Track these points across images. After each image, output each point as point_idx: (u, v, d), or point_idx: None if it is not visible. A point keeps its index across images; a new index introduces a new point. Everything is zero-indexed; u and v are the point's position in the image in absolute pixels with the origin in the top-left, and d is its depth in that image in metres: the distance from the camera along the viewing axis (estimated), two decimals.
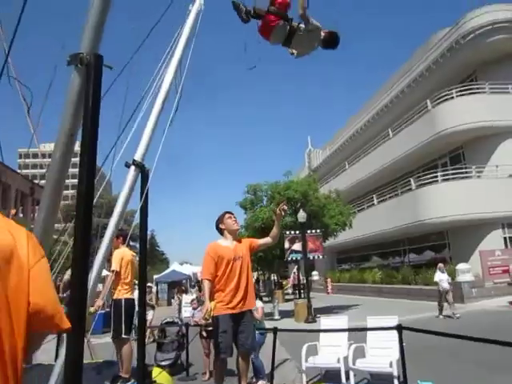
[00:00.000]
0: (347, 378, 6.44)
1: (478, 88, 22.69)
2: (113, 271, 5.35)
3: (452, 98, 22.42)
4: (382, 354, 6.36)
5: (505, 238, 21.02)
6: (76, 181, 2.30)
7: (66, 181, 3.19)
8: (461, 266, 18.31)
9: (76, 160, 2.38)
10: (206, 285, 4.47)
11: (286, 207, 4.51)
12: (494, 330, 9.60)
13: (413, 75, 26.86)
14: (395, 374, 5.98)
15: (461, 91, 22.53)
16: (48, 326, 1.26)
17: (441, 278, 14.70)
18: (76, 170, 2.32)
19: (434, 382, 5.48)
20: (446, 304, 14.32)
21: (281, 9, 3.58)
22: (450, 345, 7.79)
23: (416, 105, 25.07)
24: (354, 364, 6.45)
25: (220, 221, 4.66)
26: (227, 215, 4.65)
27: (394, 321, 6.50)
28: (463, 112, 21.67)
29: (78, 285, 2.22)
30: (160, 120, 4.26)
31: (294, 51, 3.91)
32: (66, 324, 1.29)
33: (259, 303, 7.33)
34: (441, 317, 14.19)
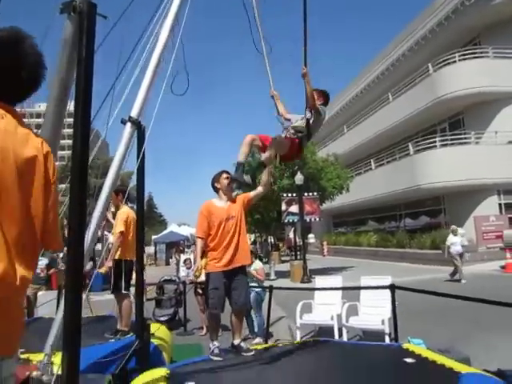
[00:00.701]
0: (340, 335, 6.64)
1: (481, 52, 22.22)
2: (121, 232, 5.37)
3: (454, 62, 21.98)
4: (375, 312, 6.55)
5: (500, 204, 21.17)
6: (71, 142, 2.28)
7: (62, 141, 3.16)
8: None
9: (71, 121, 2.35)
10: (199, 243, 4.52)
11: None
12: (486, 293, 9.84)
13: (415, 38, 26.21)
14: (387, 331, 6.17)
15: (463, 55, 22.06)
16: (47, 239, 1.49)
17: (452, 241, 14.24)
18: (71, 131, 2.30)
19: (425, 340, 5.64)
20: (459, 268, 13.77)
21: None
22: (443, 306, 8.01)
23: (417, 69, 24.58)
24: (347, 321, 6.64)
25: (216, 180, 4.64)
26: (224, 175, 4.62)
27: (387, 281, 6.63)
28: (465, 77, 21.32)
29: (74, 242, 2.26)
30: (158, 76, 4.19)
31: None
32: (60, 245, 1.63)
33: (259, 264, 7.44)
34: (463, 281, 13.40)
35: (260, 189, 4.66)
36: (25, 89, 1.54)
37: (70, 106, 2.59)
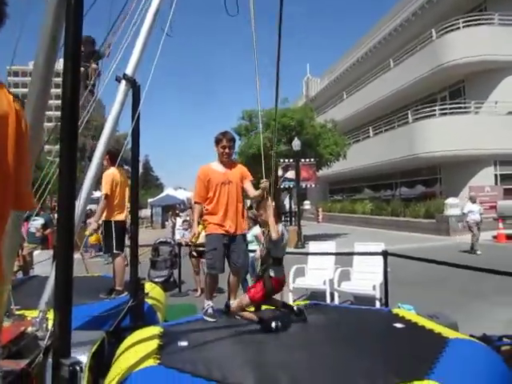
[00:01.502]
0: (332, 299, 6.76)
1: (486, 19, 21.68)
2: (105, 195, 5.34)
3: (458, 28, 21.50)
4: (367, 277, 6.64)
5: (495, 175, 21.25)
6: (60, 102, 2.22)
7: (50, 101, 3.08)
8: (450, 201, 18.61)
9: (60, 80, 2.27)
10: (196, 208, 4.51)
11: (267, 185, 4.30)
12: (476, 261, 10.00)
13: (419, 2, 25.49)
14: (378, 296, 6.28)
15: (468, 21, 21.54)
16: (19, 199, 1.46)
17: (471, 208, 13.45)
18: (60, 91, 2.23)
19: (414, 306, 5.75)
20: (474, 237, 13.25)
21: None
22: (434, 273, 8.14)
23: (420, 35, 24.04)
24: (339, 286, 6.75)
25: (216, 143, 4.54)
26: (222, 143, 4.43)
27: (380, 247, 6.70)
28: (468, 44, 20.92)
29: (64, 202, 2.24)
30: (155, 31, 4.06)
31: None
32: (31, 205, 1.65)
33: (259, 230, 7.46)
34: (478, 252, 12.92)
35: (252, 191, 4.43)
36: None
37: (59, 65, 2.51)
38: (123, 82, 3.81)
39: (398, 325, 3.70)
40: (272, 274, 3.83)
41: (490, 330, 4.51)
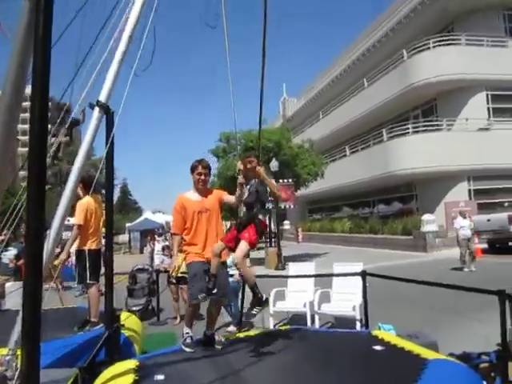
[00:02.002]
0: (312, 322, 6.71)
1: (454, 40, 22.52)
2: (77, 225, 5.22)
3: (428, 48, 22.24)
4: (346, 298, 6.63)
5: (469, 190, 21.73)
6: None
7: (25, 126, 3.04)
8: (426, 217, 18.92)
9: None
10: (175, 239, 4.44)
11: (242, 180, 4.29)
12: (454, 278, 10.13)
13: (390, 24, 26.43)
14: (357, 317, 6.27)
15: (437, 42, 22.33)
16: None
17: (462, 224, 13.18)
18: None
19: (395, 325, 5.76)
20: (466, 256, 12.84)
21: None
22: (413, 291, 8.17)
23: (392, 55, 24.82)
24: (319, 308, 6.71)
25: (191, 171, 4.50)
26: (198, 170, 4.40)
27: (358, 267, 6.71)
28: (438, 63, 21.63)
29: (33, 232, 2.17)
30: (128, 59, 4.05)
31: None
32: None
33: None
34: (466, 269, 12.62)
35: (233, 199, 4.42)
36: None
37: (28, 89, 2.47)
38: (96, 109, 3.78)
39: (378, 347, 3.68)
40: (261, 217, 4.06)
41: (470, 346, 4.53)
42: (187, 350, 4.03)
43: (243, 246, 3.91)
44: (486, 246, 16.47)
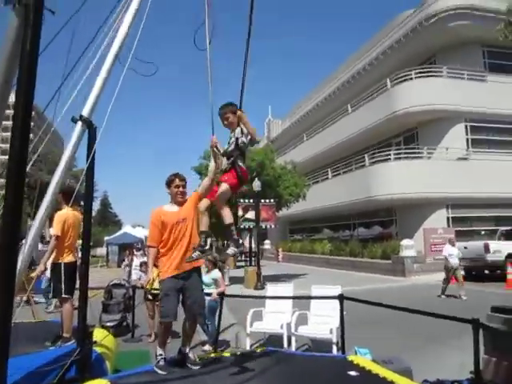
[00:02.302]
0: (289, 344, 6.66)
1: (435, 71, 23.22)
2: (55, 236, 5.13)
3: (411, 78, 22.85)
4: (324, 321, 6.61)
5: (448, 218, 22.08)
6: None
7: (5, 134, 3.01)
8: (405, 242, 19.11)
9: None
10: (151, 252, 4.39)
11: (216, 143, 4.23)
12: (431, 304, 10.21)
13: (375, 53, 27.20)
14: (334, 340, 6.25)
15: (420, 73, 22.98)
16: None
17: (450, 252, 13.15)
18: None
19: (371, 350, 5.77)
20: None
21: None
22: (390, 315, 8.20)
23: (376, 83, 25.44)
24: (296, 330, 6.67)
25: (168, 184, 4.50)
26: (175, 183, 4.42)
27: (336, 290, 6.73)
28: (420, 93, 22.23)
29: (7, 244, 2.13)
30: (112, 75, 4.07)
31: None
32: None
33: (218, 274, 7.31)
34: (443, 297, 12.69)
35: (205, 181, 4.37)
36: None
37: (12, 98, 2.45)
38: (79, 123, 3.76)
39: (353, 373, 3.68)
40: (240, 163, 3.98)
41: (444, 374, 4.56)
42: (159, 372, 3.96)
43: (223, 186, 3.87)
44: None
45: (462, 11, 21.84)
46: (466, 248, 16.49)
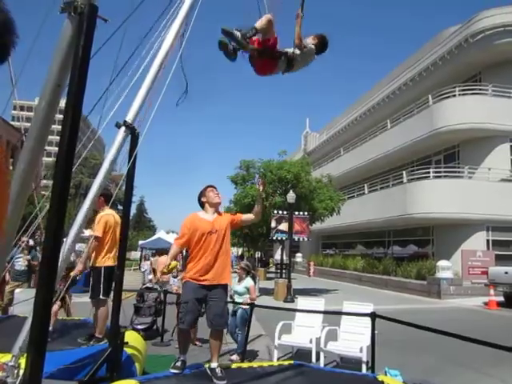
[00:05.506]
0: (317, 359, 6.55)
1: (480, 89, 22.59)
2: (96, 237, 5.27)
3: (454, 95, 22.31)
4: (354, 338, 6.47)
5: (487, 241, 21.26)
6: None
7: (51, 137, 3.15)
8: (441, 263, 18.51)
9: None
10: (174, 246, 4.64)
11: (263, 186, 4.58)
12: (467, 328, 9.80)
13: (417, 69, 26.71)
14: (364, 359, 6.09)
15: (463, 90, 22.42)
16: None
17: None
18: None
19: (401, 371, 5.60)
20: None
21: (273, 48, 3.66)
22: (423, 337, 7.94)
23: (417, 99, 24.94)
24: (325, 346, 6.56)
25: (202, 194, 4.65)
26: (209, 188, 4.63)
27: (368, 308, 6.58)
28: (463, 111, 21.62)
29: (50, 243, 2.21)
30: (158, 82, 4.17)
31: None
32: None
33: (251, 282, 7.35)
34: None
35: (252, 216, 4.68)
36: None
37: (63, 103, 2.57)
38: (122, 129, 3.88)
39: None
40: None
41: None
42: (174, 371, 4.02)
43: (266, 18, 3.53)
44: (502, 298, 15.98)
45: (509, 28, 21.24)
46: (506, 273, 15.83)
